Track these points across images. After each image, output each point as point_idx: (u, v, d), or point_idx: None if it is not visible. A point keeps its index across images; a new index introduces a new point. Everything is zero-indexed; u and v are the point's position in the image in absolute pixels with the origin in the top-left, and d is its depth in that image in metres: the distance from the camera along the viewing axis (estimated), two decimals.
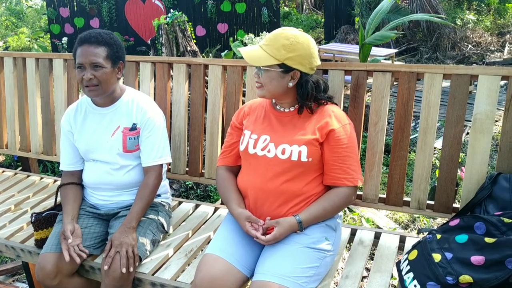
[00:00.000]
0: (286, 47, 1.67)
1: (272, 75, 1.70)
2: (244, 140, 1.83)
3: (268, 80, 1.71)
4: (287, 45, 1.67)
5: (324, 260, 1.69)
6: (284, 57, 1.67)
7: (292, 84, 1.73)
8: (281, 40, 1.68)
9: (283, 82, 1.71)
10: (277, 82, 1.71)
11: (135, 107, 2.02)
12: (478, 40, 9.36)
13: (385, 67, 1.97)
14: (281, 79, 1.71)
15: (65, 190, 2.06)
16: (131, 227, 1.88)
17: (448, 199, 1.93)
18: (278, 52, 1.67)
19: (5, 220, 2.30)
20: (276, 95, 1.76)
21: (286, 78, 1.71)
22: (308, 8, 13.75)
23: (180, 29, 5.54)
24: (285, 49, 1.67)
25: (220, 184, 1.90)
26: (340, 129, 1.73)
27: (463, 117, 1.87)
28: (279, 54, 1.67)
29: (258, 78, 1.74)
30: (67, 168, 2.12)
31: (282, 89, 1.73)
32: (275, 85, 1.72)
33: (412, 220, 3.69)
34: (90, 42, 1.89)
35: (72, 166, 2.12)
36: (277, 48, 1.67)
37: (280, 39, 1.68)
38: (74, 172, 2.12)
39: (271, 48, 1.68)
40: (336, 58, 7.26)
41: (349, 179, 1.73)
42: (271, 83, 1.71)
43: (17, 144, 2.83)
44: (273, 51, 1.68)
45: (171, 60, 2.38)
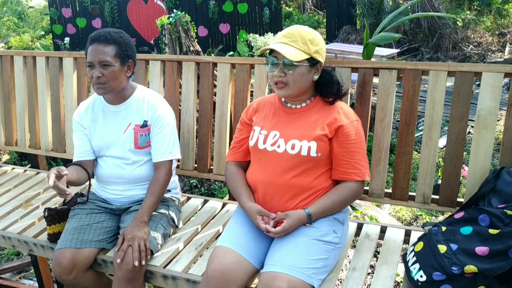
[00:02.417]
0: (312, 41, 1.73)
1: (303, 71, 1.74)
2: (254, 135, 1.87)
3: (299, 77, 1.74)
4: (312, 39, 1.73)
5: (332, 252, 1.73)
6: (312, 50, 1.73)
7: (316, 77, 1.79)
8: (305, 35, 1.73)
9: (309, 76, 1.77)
10: (306, 77, 1.76)
11: (146, 105, 2.07)
12: (479, 40, 9.41)
13: (391, 64, 2.01)
14: (308, 74, 1.76)
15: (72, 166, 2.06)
16: (143, 221, 1.92)
17: (452, 193, 1.97)
18: (307, 46, 1.72)
19: (17, 215, 2.34)
20: (301, 91, 1.80)
21: (312, 71, 1.77)
22: (309, 8, 13.80)
23: (183, 29, 5.59)
24: (311, 43, 1.73)
25: (230, 178, 1.95)
26: (348, 125, 1.78)
27: (467, 113, 1.92)
28: (308, 48, 1.73)
29: (284, 76, 1.74)
30: (77, 157, 2.14)
31: (308, 84, 1.79)
32: (304, 81, 1.76)
33: (414, 218, 3.74)
34: (99, 41, 1.94)
35: (81, 156, 2.13)
36: (304, 42, 1.72)
37: (304, 34, 1.74)
38: (83, 163, 2.13)
39: (300, 44, 1.72)
40: (338, 58, 7.31)
41: (357, 174, 1.78)
42: (302, 79, 1.75)
43: (27, 142, 2.88)
44: (302, 46, 1.72)
45: (180, 58, 2.42)
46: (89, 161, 2.15)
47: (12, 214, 2.35)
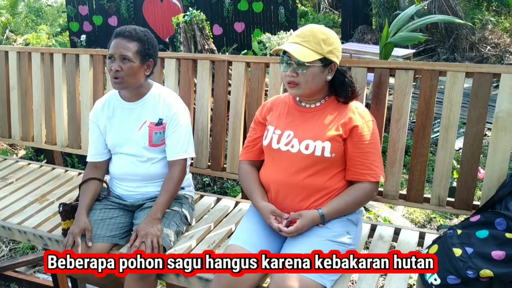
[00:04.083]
0: (325, 41, 1.72)
1: (315, 71, 1.73)
2: (267, 135, 1.87)
3: (311, 77, 1.73)
4: (325, 39, 1.72)
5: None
6: (325, 50, 1.72)
7: (330, 77, 1.78)
8: (319, 35, 1.72)
9: (322, 76, 1.75)
10: (319, 77, 1.75)
11: (162, 103, 2.08)
12: (497, 41, 9.27)
13: (407, 64, 1.99)
14: (321, 74, 1.75)
15: (86, 185, 2.12)
16: (156, 218, 1.93)
17: (468, 196, 1.95)
18: (319, 46, 1.71)
19: (32, 210, 2.36)
20: (314, 91, 1.79)
21: (325, 72, 1.76)
22: (325, 7, 13.74)
23: (198, 27, 5.60)
24: (325, 43, 1.72)
25: (243, 177, 1.95)
26: (363, 125, 1.76)
27: (485, 115, 1.89)
28: (321, 49, 1.71)
29: (297, 76, 1.74)
30: (91, 158, 2.18)
31: (321, 84, 1.77)
32: (317, 81, 1.75)
33: (428, 220, 3.70)
34: (123, 36, 1.97)
35: (96, 157, 2.18)
36: (317, 42, 1.71)
37: (318, 33, 1.72)
38: (97, 164, 2.18)
39: (312, 44, 1.71)
40: (353, 58, 7.26)
41: (371, 175, 1.76)
42: (314, 79, 1.74)
43: (43, 137, 2.91)
44: (315, 46, 1.71)
45: (195, 56, 2.43)
46: (103, 162, 2.19)
47: (27, 209, 2.38)
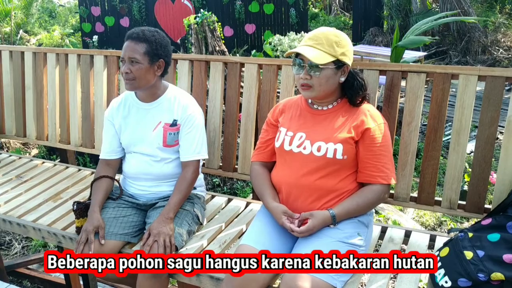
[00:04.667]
0: (338, 43, 1.73)
1: (329, 73, 1.74)
2: (280, 137, 1.89)
3: (324, 79, 1.74)
4: (338, 41, 1.73)
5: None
6: (338, 52, 1.73)
7: (343, 79, 1.79)
8: (332, 37, 1.74)
9: (336, 78, 1.77)
10: (332, 79, 1.76)
11: (177, 104, 2.11)
12: (510, 44, 9.19)
13: (419, 67, 2.00)
14: (335, 76, 1.76)
15: (98, 183, 2.15)
16: (169, 217, 1.96)
17: (480, 199, 1.95)
18: (332, 49, 1.72)
19: (47, 208, 2.40)
20: (327, 94, 1.80)
21: (338, 74, 1.77)
22: (336, 9, 13.72)
23: (210, 29, 5.63)
24: (337, 45, 1.73)
25: (255, 178, 1.97)
26: (375, 128, 1.77)
27: (497, 118, 1.89)
28: (334, 51, 1.73)
29: (310, 79, 1.75)
30: (104, 155, 2.21)
31: (334, 86, 1.79)
32: (330, 83, 1.76)
33: (438, 224, 3.69)
34: (132, 38, 2.00)
35: (110, 154, 2.21)
36: (330, 45, 1.73)
37: (330, 36, 1.74)
38: (110, 162, 2.21)
39: (325, 46, 1.73)
40: (364, 60, 7.24)
41: (383, 177, 1.77)
42: (327, 81, 1.75)
43: (57, 137, 2.95)
44: (328, 48, 1.73)
45: (208, 58, 2.46)
46: (116, 160, 2.22)
47: (42, 207, 2.42)
